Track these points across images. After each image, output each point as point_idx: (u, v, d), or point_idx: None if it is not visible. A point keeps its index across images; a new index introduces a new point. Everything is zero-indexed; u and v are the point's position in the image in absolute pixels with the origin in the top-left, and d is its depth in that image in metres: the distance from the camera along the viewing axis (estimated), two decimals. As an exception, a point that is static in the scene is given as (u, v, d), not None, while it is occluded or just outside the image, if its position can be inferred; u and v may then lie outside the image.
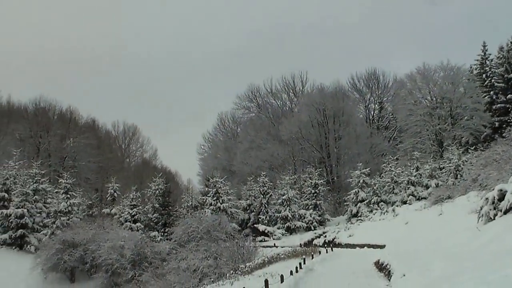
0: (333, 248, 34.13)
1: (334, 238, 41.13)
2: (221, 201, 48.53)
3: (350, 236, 39.48)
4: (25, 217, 39.96)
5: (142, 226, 46.77)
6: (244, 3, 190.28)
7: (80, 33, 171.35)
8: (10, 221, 39.51)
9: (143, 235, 38.93)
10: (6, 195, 42.34)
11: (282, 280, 16.81)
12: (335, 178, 67.49)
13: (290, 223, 48.57)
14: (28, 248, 39.56)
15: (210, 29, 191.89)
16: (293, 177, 56.70)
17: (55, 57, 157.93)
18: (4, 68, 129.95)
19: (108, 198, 55.47)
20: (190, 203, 52.92)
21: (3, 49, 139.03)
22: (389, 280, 16.17)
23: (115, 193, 54.81)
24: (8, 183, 43.44)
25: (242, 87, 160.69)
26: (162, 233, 45.96)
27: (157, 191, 50.99)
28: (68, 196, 44.33)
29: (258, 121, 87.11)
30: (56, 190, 48.18)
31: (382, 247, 27.41)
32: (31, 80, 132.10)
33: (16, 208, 40.05)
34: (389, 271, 17.25)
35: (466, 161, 41.37)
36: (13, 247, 39.41)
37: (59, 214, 42.30)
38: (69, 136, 79.46)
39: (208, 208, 47.03)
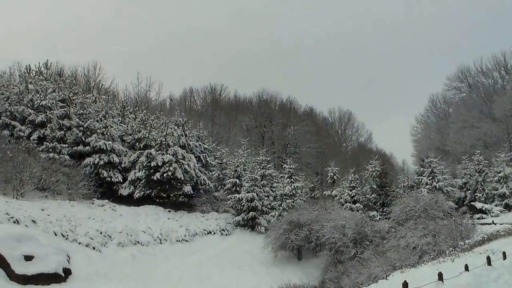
0: (558, 225, 30.64)
1: (559, 215, 37.08)
2: (436, 180, 47.34)
3: None
4: (255, 201, 42.49)
5: (361, 206, 47.30)
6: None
7: (293, 27, 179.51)
8: (242, 204, 42.53)
9: (363, 214, 38.70)
10: (238, 181, 46.55)
11: (504, 257, 16.18)
12: (556, 153, 61.33)
13: (508, 200, 45.38)
14: (258, 229, 41.75)
15: (420, 14, 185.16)
16: (508, 154, 52.51)
17: (273, 51, 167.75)
18: (229, 66, 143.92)
19: (328, 181, 57.41)
20: (406, 183, 52.03)
21: (228, 51, 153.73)
22: None
23: (334, 176, 56.56)
24: (239, 170, 47.77)
25: (451, 68, 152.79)
26: (381, 213, 45.98)
27: (374, 173, 51.14)
28: (292, 180, 45.80)
29: (469, 101, 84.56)
30: (281, 175, 50.46)
31: None
32: (254, 75, 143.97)
33: (247, 193, 42.79)
34: None
35: None
36: (246, 228, 42.26)
37: (284, 197, 43.98)
38: (290, 124, 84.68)
39: (424, 188, 46.33)
